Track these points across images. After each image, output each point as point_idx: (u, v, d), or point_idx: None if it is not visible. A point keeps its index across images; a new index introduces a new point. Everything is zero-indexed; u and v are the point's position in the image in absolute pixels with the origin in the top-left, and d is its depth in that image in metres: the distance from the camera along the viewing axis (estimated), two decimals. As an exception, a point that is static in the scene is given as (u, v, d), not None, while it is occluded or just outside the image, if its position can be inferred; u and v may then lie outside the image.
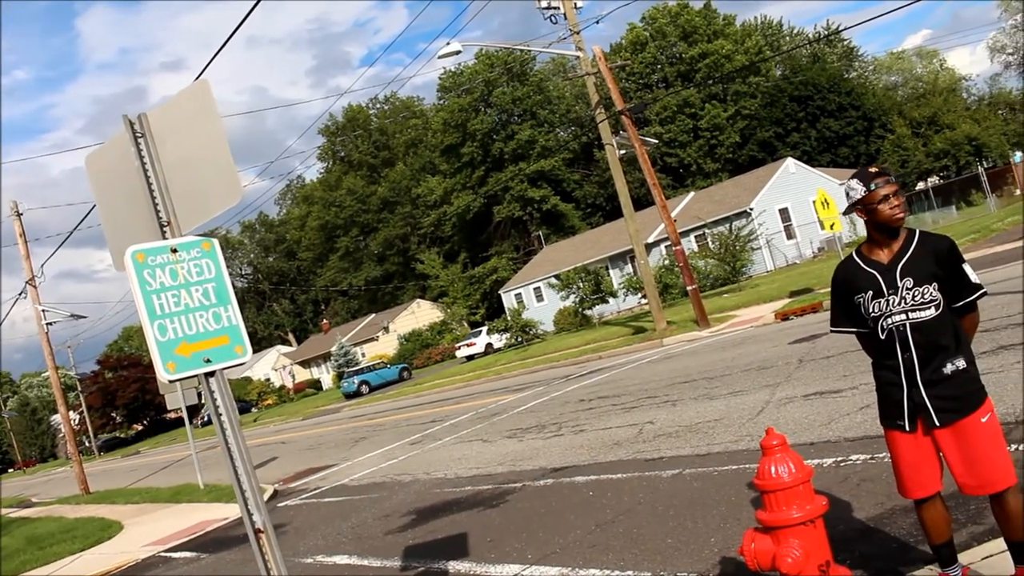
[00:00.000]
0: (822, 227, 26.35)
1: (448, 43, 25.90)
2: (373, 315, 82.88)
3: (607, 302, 44.29)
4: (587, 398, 16.95)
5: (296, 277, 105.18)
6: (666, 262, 41.65)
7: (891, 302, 3.91)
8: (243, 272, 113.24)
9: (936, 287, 3.87)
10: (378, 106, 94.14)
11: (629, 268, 48.00)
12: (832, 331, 4.39)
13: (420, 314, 74.92)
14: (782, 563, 3.77)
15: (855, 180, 4.03)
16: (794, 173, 48.46)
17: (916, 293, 3.87)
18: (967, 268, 3.95)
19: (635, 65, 68.72)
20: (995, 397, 7.69)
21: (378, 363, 57.47)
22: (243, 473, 3.79)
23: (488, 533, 8.58)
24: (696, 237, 46.89)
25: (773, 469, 3.86)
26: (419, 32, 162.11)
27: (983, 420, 3.87)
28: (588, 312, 43.76)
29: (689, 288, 24.90)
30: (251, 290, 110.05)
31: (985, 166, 54.66)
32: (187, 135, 4.13)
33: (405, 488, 12.69)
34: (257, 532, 3.73)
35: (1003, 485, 3.85)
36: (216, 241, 4.04)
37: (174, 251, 3.98)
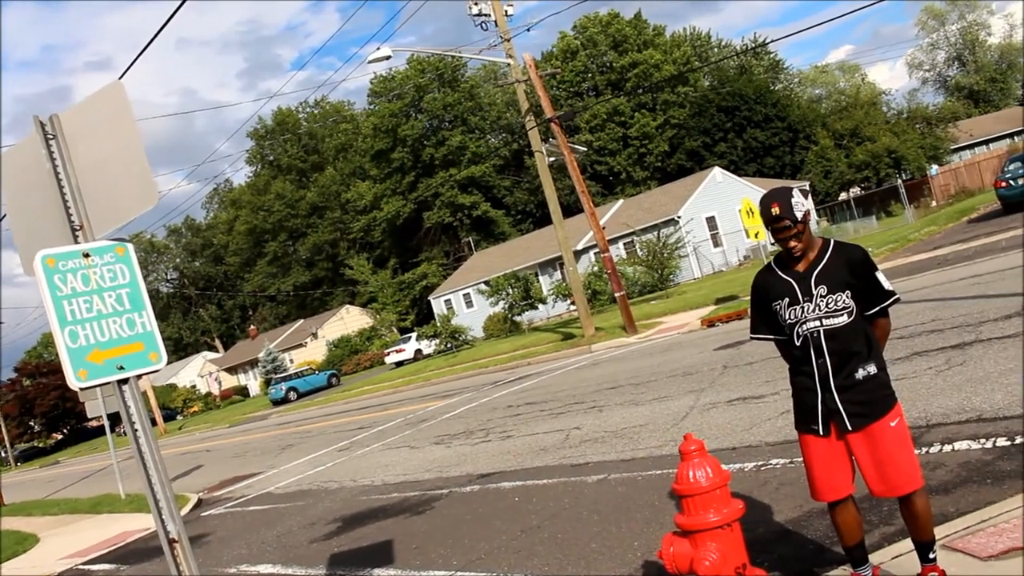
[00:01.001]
0: (747, 235, 26.82)
1: (379, 48, 25.78)
2: (302, 321, 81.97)
3: (536, 308, 44.44)
4: (515, 404, 16.98)
5: (223, 282, 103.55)
6: (595, 269, 41.94)
7: (806, 309, 4.00)
8: (169, 277, 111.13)
9: (849, 295, 3.98)
10: (308, 110, 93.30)
11: (558, 275, 48.25)
12: (752, 337, 4.47)
13: (349, 320, 74.32)
14: (699, 566, 3.83)
15: (760, 205, 4.11)
16: (721, 182, 49.23)
17: (830, 300, 3.97)
18: (880, 276, 4.06)
19: (566, 73, 69.12)
20: (908, 403, 7.93)
21: (306, 369, 56.87)
22: (157, 482, 3.72)
23: (414, 540, 8.55)
24: (625, 244, 47.31)
25: (691, 474, 3.91)
26: (352, 37, 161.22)
27: (892, 424, 4.00)
28: (518, 318, 43.87)
29: (617, 295, 25.11)
30: (177, 295, 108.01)
31: (904, 178, 56.13)
32: (101, 137, 4.03)
33: (331, 495, 12.59)
34: (172, 542, 3.66)
35: (911, 488, 3.97)
36: (130, 246, 3.96)
37: (86, 256, 3.89)
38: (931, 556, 4.06)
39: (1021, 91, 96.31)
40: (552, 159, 27.54)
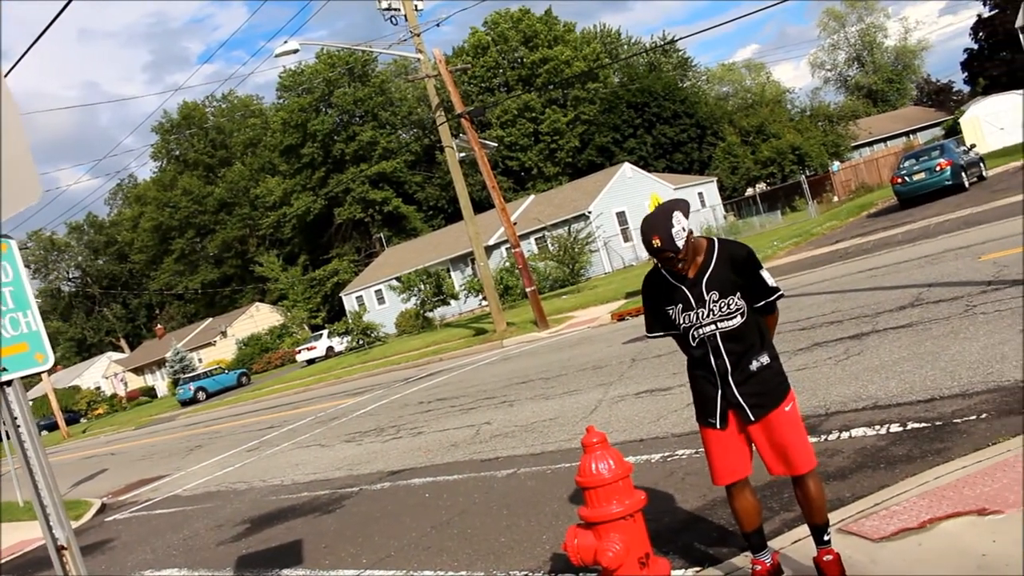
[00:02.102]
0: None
1: (286, 41, 25.39)
2: (210, 319, 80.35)
3: (449, 304, 44.38)
4: (426, 400, 16.94)
5: (128, 280, 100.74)
6: (507, 264, 42.06)
7: (700, 315, 4.08)
8: (71, 275, 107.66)
9: (740, 296, 4.07)
10: (215, 104, 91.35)
11: (470, 270, 48.23)
12: (648, 336, 4.51)
13: (259, 318, 73.13)
14: (603, 557, 3.86)
15: (641, 232, 4.09)
16: (631, 178, 49.82)
17: (723, 304, 4.05)
18: (764, 273, 4.15)
19: (476, 69, 69.09)
20: (808, 392, 8.15)
21: (215, 369, 55.82)
22: (44, 488, 3.59)
23: (323, 539, 8.47)
24: (536, 240, 47.53)
25: (594, 466, 3.94)
26: (261, 31, 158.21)
27: (787, 409, 4.14)
28: (430, 314, 43.74)
29: (528, 290, 25.23)
30: (79, 294, 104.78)
31: (807, 174, 57.56)
32: (-19, 130, 3.87)
33: (240, 496, 12.38)
34: (60, 549, 3.55)
35: (808, 467, 4.11)
36: (13, 242, 3.81)
37: (-34, 253, 3.73)
38: (826, 538, 4.18)
39: (916, 92, 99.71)
40: (463, 155, 27.50)
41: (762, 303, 4.13)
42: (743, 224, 49.26)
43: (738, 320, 4.06)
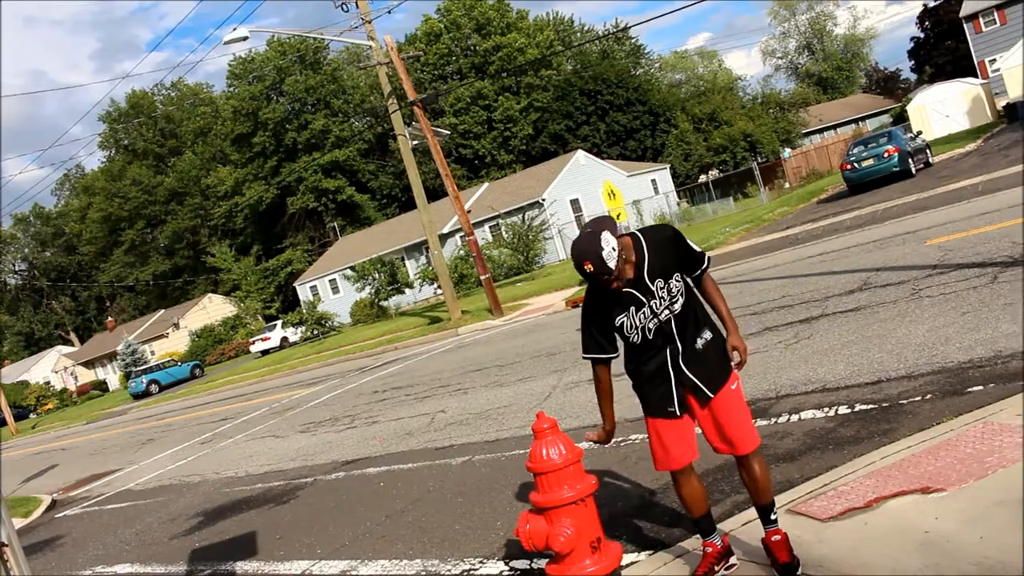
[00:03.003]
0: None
1: (235, 29, 25.07)
2: (162, 311, 79.24)
3: (403, 293, 44.24)
4: (381, 389, 16.90)
5: (77, 273, 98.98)
6: (461, 252, 42.00)
7: (655, 306, 4.10)
8: (16, 268, 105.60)
9: (679, 276, 4.13)
10: (164, 92, 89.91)
11: (425, 259, 48.12)
12: (584, 358, 4.43)
13: (212, 309, 72.34)
14: (555, 542, 3.88)
15: (572, 256, 4.05)
16: (584, 165, 49.95)
17: (669, 288, 4.10)
18: (691, 243, 4.25)
19: (429, 56, 68.75)
20: (759, 376, 8.25)
21: (168, 361, 55.11)
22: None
23: (278, 530, 8.43)
24: (491, 227, 47.51)
25: (544, 452, 3.96)
26: (211, 19, 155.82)
27: (732, 388, 4.21)
28: (385, 303, 43.57)
29: (483, 278, 25.22)
30: (27, 287, 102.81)
31: (759, 161, 58.12)
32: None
33: (193, 490, 12.26)
34: (0, 546, 3.48)
35: (751, 447, 4.17)
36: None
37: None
38: (772, 518, 4.24)
39: (864, 80, 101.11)
40: (416, 143, 27.38)
41: (698, 272, 4.22)
42: (696, 210, 49.60)
43: (682, 300, 4.13)
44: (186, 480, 13.29)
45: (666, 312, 4.10)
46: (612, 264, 3.91)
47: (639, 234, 4.23)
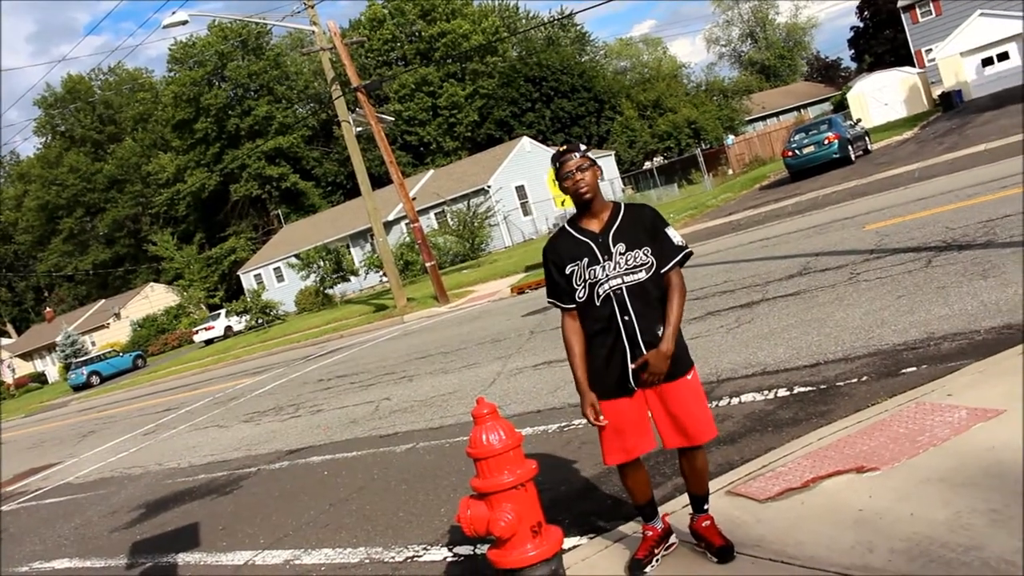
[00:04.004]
0: (555, 203, 27.31)
1: (174, 12, 24.66)
2: (103, 301, 77.71)
3: (349, 281, 43.98)
4: (326, 378, 16.80)
5: (13, 262, 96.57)
6: (407, 240, 41.84)
7: (607, 268, 4.00)
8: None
9: (647, 251, 4.02)
10: (102, 77, 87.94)
11: (370, 246, 47.85)
12: (548, 301, 4.37)
13: (154, 298, 71.15)
14: (495, 527, 3.88)
15: (550, 162, 4.18)
16: (530, 151, 49.98)
17: (629, 257, 4.00)
18: (671, 232, 4.13)
19: (374, 42, 68.22)
20: (701, 360, 8.30)
21: (109, 352, 54.23)
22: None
23: (220, 521, 8.34)
24: (436, 214, 47.37)
25: (484, 437, 3.95)
26: (152, 2, 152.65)
27: (689, 378, 4.12)
28: (330, 291, 43.29)
29: (428, 265, 25.14)
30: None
31: (703, 147, 58.62)
32: None
33: (135, 482, 12.09)
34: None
35: (708, 437, 4.12)
36: None
37: None
38: (704, 507, 4.28)
39: (806, 68, 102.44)
40: (360, 129, 27.18)
41: (671, 263, 4.07)
42: (641, 197, 49.95)
43: (643, 275, 4.00)
44: (128, 472, 13.10)
45: (618, 280, 3.98)
46: (583, 147, 4.09)
47: (622, 203, 4.20)
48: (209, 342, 50.28)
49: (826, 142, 28.26)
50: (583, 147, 4.12)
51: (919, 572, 3.46)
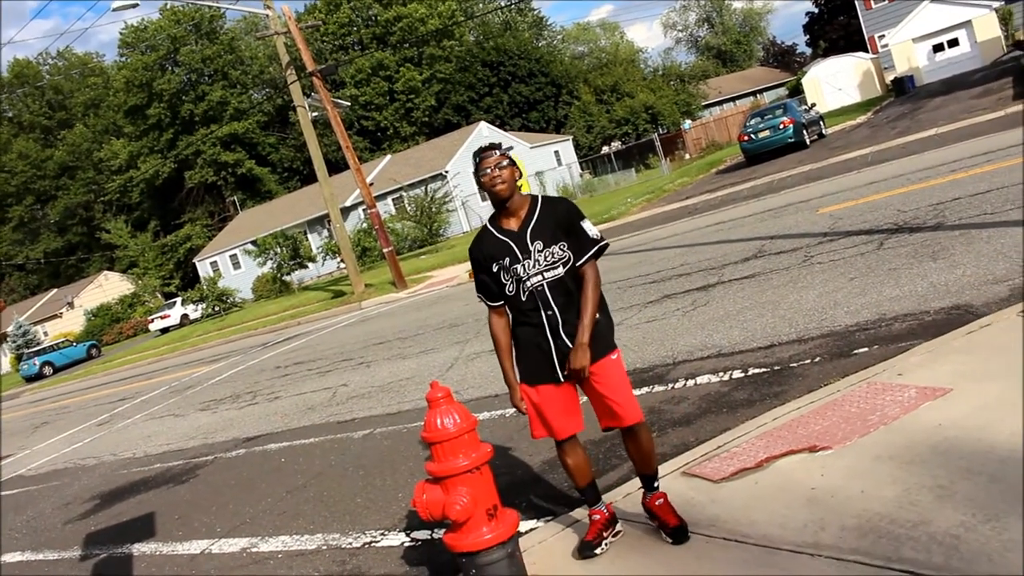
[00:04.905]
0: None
1: (125, -6, 24.21)
2: (55, 290, 76.46)
3: (306, 267, 43.68)
4: (283, 365, 16.70)
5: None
6: (364, 225, 41.61)
7: (527, 266, 4.11)
8: None
9: (564, 246, 4.12)
10: (51, 62, 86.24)
11: (327, 232, 47.53)
12: (478, 296, 4.47)
13: (109, 287, 70.11)
14: (451, 511, 3.88)
15: (472, 158, 4.24)
16: (487, 136, 49.82)
17: (547, 254, 4.10)
18: (586, 224, 4.22)
19: (329, 26, 67.59)
20: (657, 343, 8.39)
21: (63, 342, 53.36)
22: None
23: (176, 510, 8.27)
24: (394, 200, 47.13)
25: (439, 421, 3.95)
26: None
27: (613, 358, 4.21)
28: (287, 278, 42.96)
29: (386, 251, 25.04)
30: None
31: (660, 132, 58.84)
32: None
33: (89, 472, 11.95)
34: None
35: (636, 419, 4.19)
36: None
37: None
38: (655, 485, 4.31)
39: (762, 53, 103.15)
40: (315, 114, 26.97)
41: (587, 255, 4.15)
42: (598, 182, 50.08)
43: (561, 269, 4.10)
44: (82, 463, 12.94)
45: (538, 277, 4.09)
46: (510, 154, 4.15)
47: (539, 197, 4.27)
48: (165, 331, 49.74)
49: (781, 127, 28.50)
50: (504, 147, 4.22)
51: (869, 548, 3.51)
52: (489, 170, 4.11)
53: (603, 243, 4.22)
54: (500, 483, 4.38)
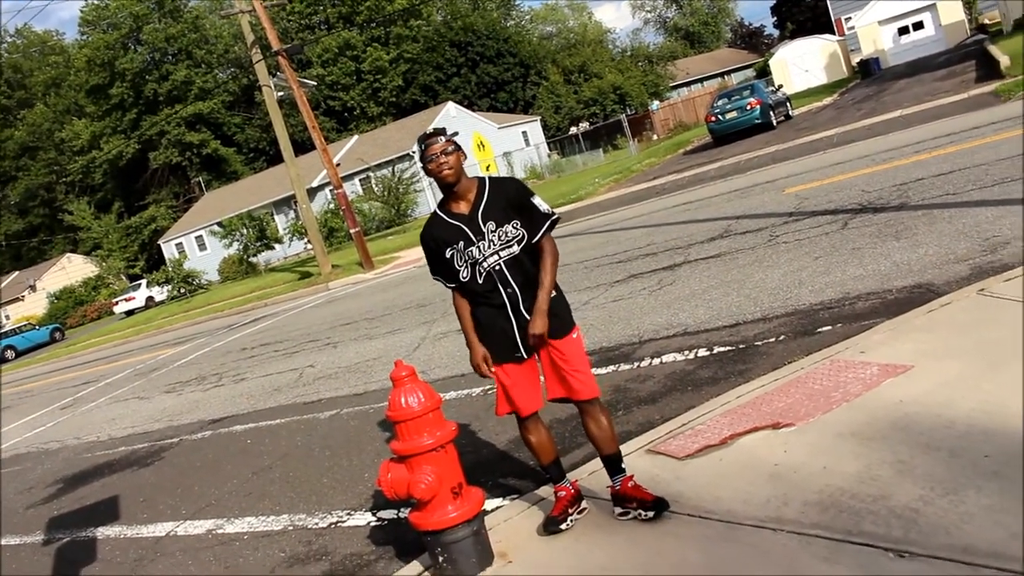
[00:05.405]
0: (480, 168, 27.28)
1: (84, -27, 23.80)
2: (16, 273, 75.41)
3: (273, 248, 43.39)
4: (250, 346, 16.61)
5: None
6: (331, 206, 41.38)
7: (482, 247, 4.11)
8: None
9: (517, 224, 4.13)
10: (9, 39, 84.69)
11: (294, 213, 47.24)
12: (434, 279, 4.48)
13: (72, 270, 69.27)
14: (415, 489, 3.88)
15: (416, 143, 4.20)
16: (455, 116, 49.61)
17: (501, 234, 4.11)
18: (536, 200, 4.23)
19: (296, 4, 66.86)
20: (623, 322, 8.42)
21: (25, 325, 52.71)
22: None
23: (141, 493, 8.21)
24: (361, 180, 46.88)
25: (403, 400, 3.94)
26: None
27: (574, 336, 4.25)
28: (254, 259, 42.66)
29: (353, 231, 24.93)
30: None
31: (628, 113, 58.91)
32: None
33: (52, 456, 11.81)
34: None
35: (590, 394, 4.22)
36: None
37: None
38: (623, 467, 4.32)
39: (730, 34, 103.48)
40: (281, 94, 26.70)
41: (540, 232, 4.17)
42: (566, 162, 50.08)
43: (516, 248, 4.12)
44: (44, 447, 12.79)
45: (494, 257, 4.10)
46: (456, 140, 4.16)
47: (486, 179, 4.28)
48: (130, 313, 49.23)
49: (748, 108, 28.63)
50: (450, 133, 4.21)
51: (830, 523, 3.55)
52: (435, 156, 4.11)
53: (555, 217, 4.25)
54: (466, 462, 4.38)
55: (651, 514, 4.14)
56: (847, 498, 3.69)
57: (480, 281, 4.16)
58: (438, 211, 4.29)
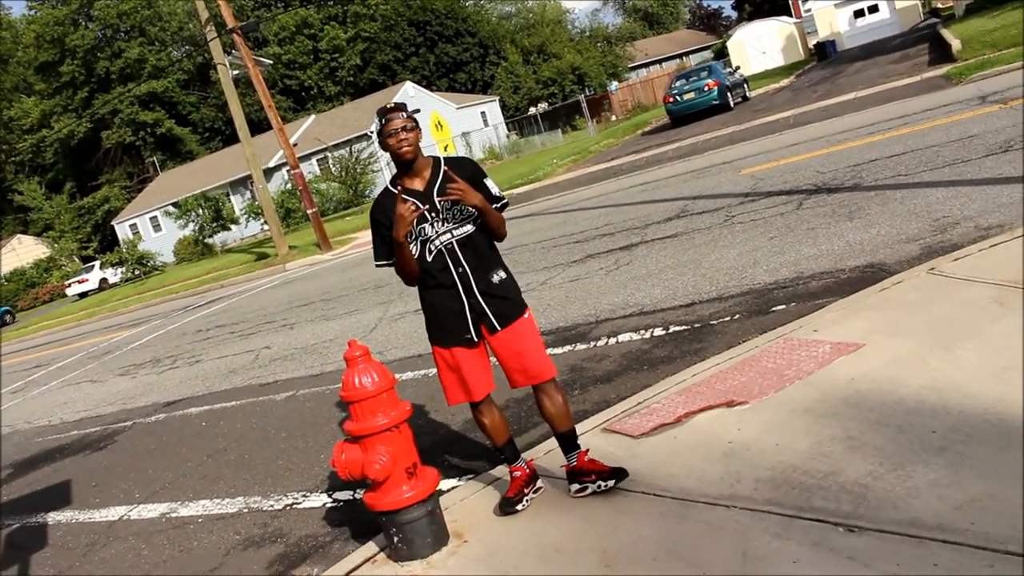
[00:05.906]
0: (438, 149, 27.15)
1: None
2: (-35, 254, 74.12)
3: (229, 229, 42.96)
4: (205, 328, 16.44)
5: None
6: (288, 187, 41.02)
7: (435, 225, 4.09)
8: None
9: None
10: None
11: (250, 194, 46.76)
12: (377, 266, 4.41)
13: (22, 251, 67.99)
14: (370, 470, 3.86)
15: (375, 116, 4.16)
16: (413, 96, 49.28)
17: (455, 212, 4.09)
18: (489, 183, 4.23)
19: (251, -18, 66.04)
20: (579, 301, 8.44)
21: (-27, 308, 51.74)
22: None
23: (93, 477, 8.10)
24: (318, 161, 46.50)
25: (357, 380, 3.91)
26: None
27: (525, 317, 4.24)
28: (210, 240, 42.24)
29: (310, 212, 24.75)
30: None
31: (587, 94, 58.89)
32: None
33: (3, 441, 11.61)
34: None
35: (549, 375, 4.22)
36: None
37: None
38: (578, 443, 4.33)
39: (688, 16, 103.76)
40: (237, 73, 26.36)
41: (495, 208, 4.18)
42: (525, 143, 50.00)
43: (471, 226, 4.12)
44: (-6, 431, 12.60)
45: (447, 235, 4.09)
46: (415, 117, 4.11)
47: (441, 158, 4.26)
48: (83, 295, 48.53)
49: (706, 89, 28.76)
50: (410, 109, 4.17)
51: (782, 499, 3.59)
52: (396, 132, 4.04)
53: (505, 201, 4.27)
54: (422, 443, 4.37)
55: (611, 483, 4.15)
56: (799, 474, 3.73)
57: (430, 260, 4.13)
58: (391, 187, 4.22)
